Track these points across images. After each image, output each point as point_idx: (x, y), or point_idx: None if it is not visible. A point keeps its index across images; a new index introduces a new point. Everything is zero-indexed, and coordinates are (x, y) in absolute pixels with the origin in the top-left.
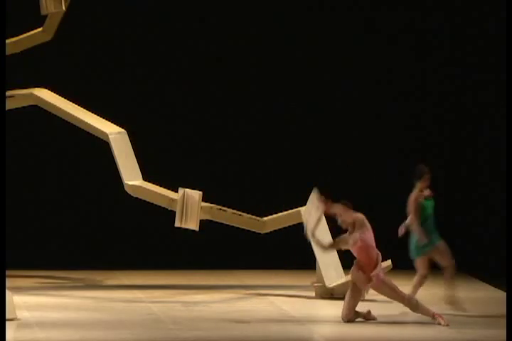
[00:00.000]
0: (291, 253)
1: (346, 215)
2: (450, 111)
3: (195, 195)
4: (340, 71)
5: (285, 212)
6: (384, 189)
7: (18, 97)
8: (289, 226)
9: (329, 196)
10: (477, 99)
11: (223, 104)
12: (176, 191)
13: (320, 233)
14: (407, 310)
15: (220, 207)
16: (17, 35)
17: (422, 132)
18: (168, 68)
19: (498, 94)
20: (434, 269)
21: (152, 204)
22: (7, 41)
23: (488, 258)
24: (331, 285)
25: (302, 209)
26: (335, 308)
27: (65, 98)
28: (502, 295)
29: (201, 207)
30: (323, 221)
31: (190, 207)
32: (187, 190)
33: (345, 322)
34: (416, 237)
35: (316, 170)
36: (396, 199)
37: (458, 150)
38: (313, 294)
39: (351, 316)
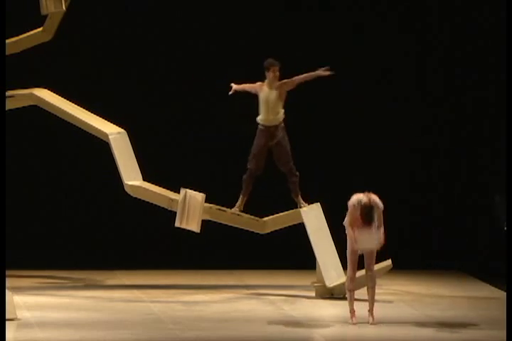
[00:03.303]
0: (291, 253)
1: None
2: (450, 111)
3: (198, 196)
4: (340, 71)
5: (285, 212)
6: (384, 190)
7: (18, 97)
8: (289, 226)
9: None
10: (477, 99)
11: (224, 104)
12: (176, 191)
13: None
14: (407, 310)
15: (219, 207)
16: (17, 35)
17: (422, 133)
18: (169, 68)
19: (498, 94)
20: (434, 269)
21: (152, 204)
22: (7, 41)
23: (488, 258)
24: (331, 285)
25: (302, 209)
26: (335, 308)
27: (65, 98)
28: (502, 295)
29: None
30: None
31: (192, 208)
32: (189, 190)
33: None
34: None
35: (316, 170)
36: (396, 200)
37: (458, 150)
38: (313, 294)
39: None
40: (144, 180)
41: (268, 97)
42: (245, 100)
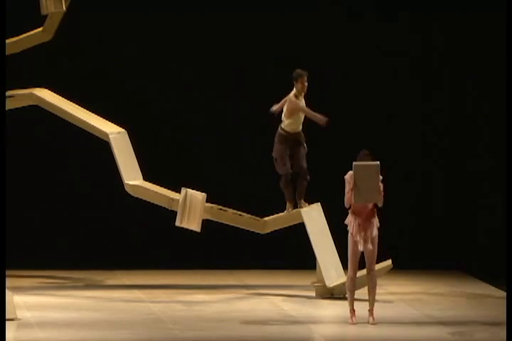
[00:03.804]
0: (291, 253)
1: None
2: (450, 110)
3: (199, 196)
4: (342, 71)
5: (285, 212)
6: (384, 190)
7: (18, 97)
8: (289, 226)
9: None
10: (477, 104)
11: (224, 104)
12: (176, 191)
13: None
14: (407, 310)
15: (220, 207)
16: (17, 35)
17: (422, 132)
18: (169, 68)
19: (498, 95)
20: (432, 269)
21: (152, 204)
22: (7, 41)
23: (488, 258)
24: (331, 285)
25: (302, 209)
26: (335, 308)
27: (65, 98)
28: (502, 295)
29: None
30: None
31: (193, 207)
32: (190, 190)
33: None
34: None
35: (316, 170)
36: (396, 200)
37: (457, 150)
38: (313, 294)
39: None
40: (145, 179)
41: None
42: (245, 100)
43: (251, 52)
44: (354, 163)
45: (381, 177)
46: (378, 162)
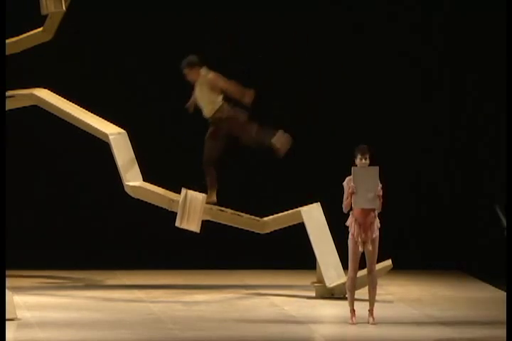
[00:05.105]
0: (291, 253)
1: None
2: (450, 116)
3: (199, 196)
4: (342, 71)
5: (285, 212)
6: (384, 190)
7: (18, 97)
8: (289, 226)
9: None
10: (478, 105)
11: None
12: (176, 192)
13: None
14: (407, 310)
15: (220, 207)
16: (17, 35)
17: (422, 133)
18: (169, 68)
19: (499, 95)
20: (432, 269)
21: (152, 204)
22: (7, 41)
23: (488, 258)
24: (331, 285)
25: (302, 209)
26: (335, 308)
27: (65, 98)
28: (502, 295)
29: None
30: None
31: (193, 208)
32: (190, 191)
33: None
34: None
35: (317, 170)
36: (396, 200)
37: (458, 151)
38: (313, 294)
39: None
40: (144, 180)
41: (198, 94)
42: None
43: (251, 52)
44: (353, 167)
45: (381, 184)
46: (378, 166)
